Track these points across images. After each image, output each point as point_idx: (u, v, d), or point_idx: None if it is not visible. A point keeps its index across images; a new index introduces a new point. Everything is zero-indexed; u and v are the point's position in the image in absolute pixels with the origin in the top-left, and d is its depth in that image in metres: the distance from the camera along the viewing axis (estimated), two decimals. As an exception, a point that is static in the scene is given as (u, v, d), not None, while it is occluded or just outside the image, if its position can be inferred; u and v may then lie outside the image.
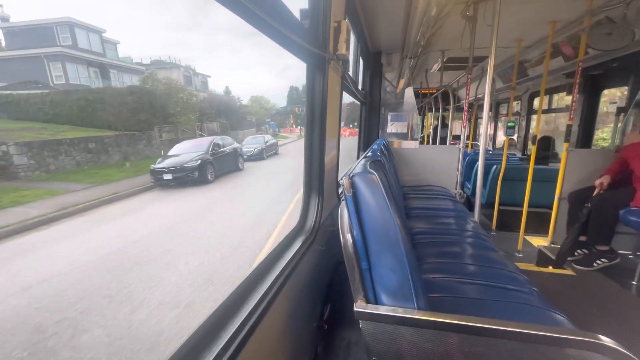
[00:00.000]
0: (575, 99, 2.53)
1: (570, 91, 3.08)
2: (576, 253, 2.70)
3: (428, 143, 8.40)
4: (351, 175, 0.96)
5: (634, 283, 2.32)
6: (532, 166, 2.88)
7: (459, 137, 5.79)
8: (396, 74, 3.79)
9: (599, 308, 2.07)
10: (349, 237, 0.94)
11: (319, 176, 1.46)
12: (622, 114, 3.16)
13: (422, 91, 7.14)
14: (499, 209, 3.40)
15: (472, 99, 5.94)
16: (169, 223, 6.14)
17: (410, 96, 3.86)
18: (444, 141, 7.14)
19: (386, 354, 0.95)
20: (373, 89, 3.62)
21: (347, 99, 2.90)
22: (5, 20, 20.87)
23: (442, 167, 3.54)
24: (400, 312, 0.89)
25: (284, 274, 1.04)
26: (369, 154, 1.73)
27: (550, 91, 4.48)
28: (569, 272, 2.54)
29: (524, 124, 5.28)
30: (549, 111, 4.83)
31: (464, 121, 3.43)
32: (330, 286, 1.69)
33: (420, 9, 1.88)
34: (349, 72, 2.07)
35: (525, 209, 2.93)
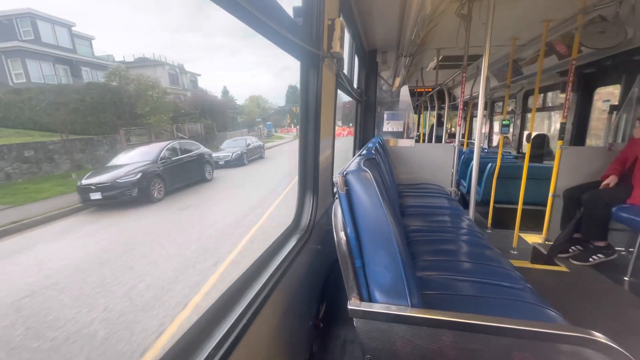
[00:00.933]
0: (568, 97, 2.55)
1: (564, 89, 3.11)
2: (571, 249, 2.73)
3: (424, 142, 8.42)
4: (345, 173, 0.96)
5: (626, 279, 2.35)
6: (526, 164, 2.90)
7: (454, 136, 5.82)
8: (392, 72, 3.78)
9: (592, 304, 2.09)
10: (342, 235, 0.94)
11: (313, 174, 1.46)
12: (615, 112, 3.19)
13: (418, 90, 7.15)
14: (494, 207, 3.42)
15: (468, 97, 5.97)
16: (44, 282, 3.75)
17: (405, 95, 3.86)
18: (439, 139, 7.17)
19: (381, 351, 0.95)
20: (368, 87, 3.62)
21: (346, 98, 2.91)
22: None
23: (437, 165, 3.55)
24: (394, 310, 0.89)
25: (278, 273, 1.04)
26: (364, 152, 1.73)
27: (545, 89, 4.51)
28: (563, 268, 2.57)
29: (518, 122, 5.32)
30: (543, 109, 4.87)
31: (459, 119, 3.44)
32: (326, 284, 1.69)
33: (415, 7, 1.88)
34: (343, 71, 2.07)
35: (520, 206, 2.95)
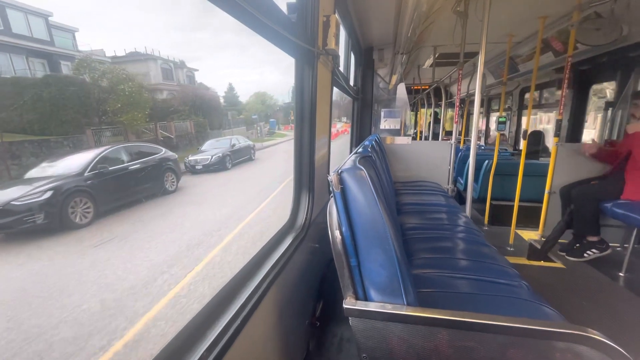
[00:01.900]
0: (564, 93, 2.55)
1: (560, 86, 3.12)
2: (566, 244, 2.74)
3: (421, 139, 8.43)
4: (340, 171, 0.95)
5: (621, 275, 2.36)
6: (523, 161, 2.91)
7: (451, 133, 5.83)
8: (388, 70, 3.77)
9: (588, 300, 2.10)
10: (337, 233, 0.93)
11: (309, 173, 1.45)
12: (611, 109, 3.20)
13: (415, 87, 7.14)
14: (490, 204, 3.43)
15: (464, 94, 5.97)
16: None
17: (402, 92, 3.86)
18: (436, 137, 7.18)
19: (376, 350, 0.95)
20: (365, 85, 3.61)
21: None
22: None
23: (434, 162, 3.55)
24: (389, 309, 0.89)
25: (274, 271, 1.03)
26: (360, 149, 1.72)
27: (541, 86, 4.52)
28: (558, 265, 2.58)
29: (515, 119, 5.33)
30: (539, 106, 4.88)
31: (456, 117, 3.45)
32: (322, 283, 1.69)
33: (411, 4, 1.87)
34: (339, 68, 2.05)
35: (516, 203, 2.96)
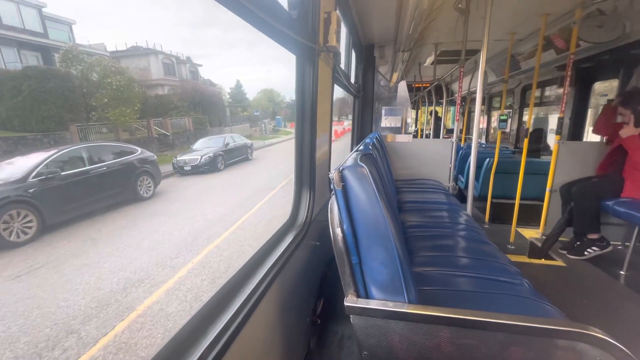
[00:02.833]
0: (566, 91, 2.54)
1: (561, 84, 3.11)
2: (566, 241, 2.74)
3: (422, 137, 8.41)
4: (341, 168, 0.95)
5: (622, 273, 2.36)
6: (524, 159, 2.90)
7: (452, 131, 5.82)
8: (389, 67, 3.76)
9: (588, 298, 2.10)
10: (338, 231, 0.93)
11: (310, 170, 1.45)
12: None
13: (416, 85, 7.12)
14: (491, 202, 3.43)
15: (465, 92, 5.95)
16: None
17: (403, 90, 3.84)
18: (437, 135, 7.16)
19: (377, 348, 0.95)
20: (366, 82, 3.60)
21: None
22: None
23: (435, 160, 3.55)
24: (390, 306, 0.88)
25: (275, 269, 1.03)
26: (361, 147, 1.71)
27: (543, 84, 4.50)
28: (560, 263, 2.58)
29: (516, 117, 5.31)
30: (541, 104, 4.86)
31: (457, 114, 3.44)
32: (323, 281, 1.69)
33: (412, 1, 1.86)
34: (340, 65, 2.04)
35: (517, 201, 2.96)
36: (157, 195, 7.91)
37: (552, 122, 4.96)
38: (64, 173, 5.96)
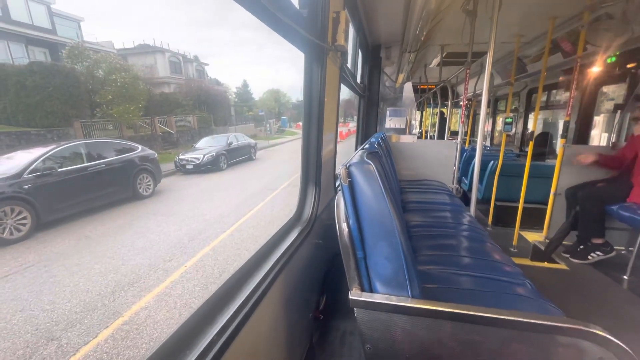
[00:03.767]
0: (573, 95, 2.54)
1: (568, 87, 3.09)
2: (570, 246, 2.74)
3: (426, 139, 8.39)
4: (348, 165, 0.96)
5: (625, 277, 2.35)
6: (528, 162, 2.90)
7: (456, 133, 5.81)
8: (395, 68, 3.77)
9: (591, 302, 2.10)
10: (344, 226, 0.95)
11: (316, 168, 1.46)
12: (619, 111, 3.17)
13: (421, 86, 7.11)
14: (495, 205, 3.42)
15: (471, 94, 5.93)
16: None
17: (409, 91, 3.85)
18: (442, 136, 7.15)
19: (380, 341, 0.96)
20: (372, 82, 3.61)
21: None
22: None
23: (439, 162, 3.55)
24: (394, 300, 0.90)
25: (279, 265, 1.05)
26: (367, 146, 1.73)
27: (549, 87, 4.48)
28: (562, 266, 2.57)
29: (521, 120, 5.29)
30: (547, 108, 4.84)
31: (462, 117, 3.44)
32: (326, 277, 1.71)
33: (420, 2, 1.87)
34: (347, 65, 2.06)
35: (521, 204, 2.95)
36: (156, 194, 7.78)
37: (558, 126, 4.94)
38: (61, 169, 5.83)
